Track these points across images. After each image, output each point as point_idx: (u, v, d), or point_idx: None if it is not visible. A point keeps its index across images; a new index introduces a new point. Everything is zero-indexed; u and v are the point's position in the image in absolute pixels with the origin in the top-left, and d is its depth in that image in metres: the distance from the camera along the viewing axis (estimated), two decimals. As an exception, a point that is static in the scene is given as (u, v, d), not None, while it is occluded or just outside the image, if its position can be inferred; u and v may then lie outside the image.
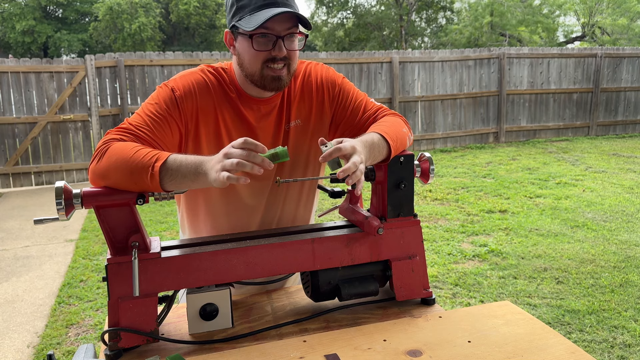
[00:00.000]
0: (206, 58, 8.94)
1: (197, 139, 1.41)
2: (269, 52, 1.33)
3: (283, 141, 1.49)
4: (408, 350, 1.17)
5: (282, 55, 1.33)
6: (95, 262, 4.65)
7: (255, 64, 1.35)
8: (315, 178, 1.46)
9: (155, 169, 1.17)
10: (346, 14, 26.41)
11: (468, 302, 3.63)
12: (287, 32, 1.33)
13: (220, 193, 1.49)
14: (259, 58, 1.34)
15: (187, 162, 1.19)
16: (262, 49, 1.33)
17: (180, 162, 1.19)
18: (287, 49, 1.34)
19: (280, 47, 1.33)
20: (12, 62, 8.18)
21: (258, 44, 1.33)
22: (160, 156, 1.20)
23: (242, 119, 1.44)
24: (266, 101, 1.45)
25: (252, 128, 1.45)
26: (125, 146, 1.24)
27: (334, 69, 1.58)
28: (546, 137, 11.39)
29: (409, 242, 1.40)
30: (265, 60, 1.34)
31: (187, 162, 1.19)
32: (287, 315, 1.39)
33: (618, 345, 3.01)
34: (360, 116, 1.50)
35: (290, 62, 1.37)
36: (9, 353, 3.21)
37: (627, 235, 4.96)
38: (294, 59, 1.38)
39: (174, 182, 1.20)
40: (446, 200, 6.56)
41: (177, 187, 1.21)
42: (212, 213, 1.52)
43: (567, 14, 22.58)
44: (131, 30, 25.39)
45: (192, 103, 1.39)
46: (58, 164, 8.25)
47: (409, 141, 1.46)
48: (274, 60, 1.34)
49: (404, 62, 10.06)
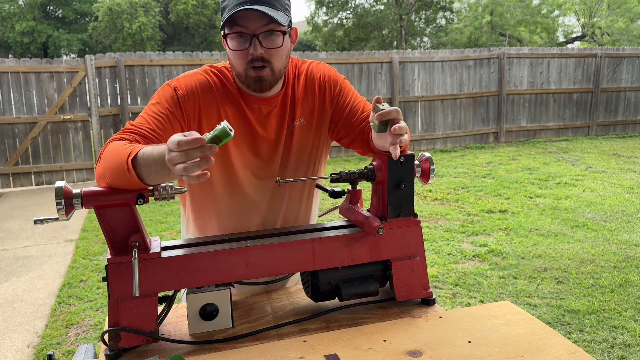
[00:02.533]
0: (206, 58, 8.94)
1: None
2: (246, 51, 1.33)
3: (287, 140, 1.50)
4: (408, 350, 1.17)
5: (257, 53, 1.32)
6: (95, 262, 4.65)
7: (239, 65, 1.36)
8: (316, 178, 1.47)
9: (129, 164, 1.13)
10: (346, 14, 26.41)
11: (468, 302, 3.63)
12: (263, 30, 1.31)
13: (228, 192, 1.50)
14: (240, 58, 1.35)
15: (154, 155, 1.12)
16: (239, 48, 1.34)
17: (149, 155, 1.12)
18: (265, 47, 1.33)
19: (255, 46, 1.32)
20: (12, 62, 8.18)
21: (234, 43, 1.34)
22: (133, 150, 1.15)
23: (245, 118, 1.45)
24: (267, 100, 1.45)
25: (253, 127, 1.46)
26: (116, 145, 1.22)
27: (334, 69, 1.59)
28: (546, 137, 11.39)
29: (409, 242, 1.40)
30: (247, 60, 1.34)
31: (154, 154, 1.12)
32: (287, 315, 1.39)
33: (618, 345, 3.01)
34: (358, 117, 1.50)
35: (272, 63, 1.35)
36: (9, 353, 3.21)
37: (627, 235, 4.96)
38: (276, 59, 1.36)
39: (151, 177, 1.13)
40: (446, 200, 6.56)
41: (157, 180, 1.15)
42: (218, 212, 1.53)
43: (566, 14, 22.58)
44: (131, 30, 25.39)
45: (194, 102, 1.39)
46: (58, 164, 8.25)
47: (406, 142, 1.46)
48: (253, 60, 1.33)
49: (404, 62, 10.06)
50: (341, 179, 1.39)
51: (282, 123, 1.49)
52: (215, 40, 28.31)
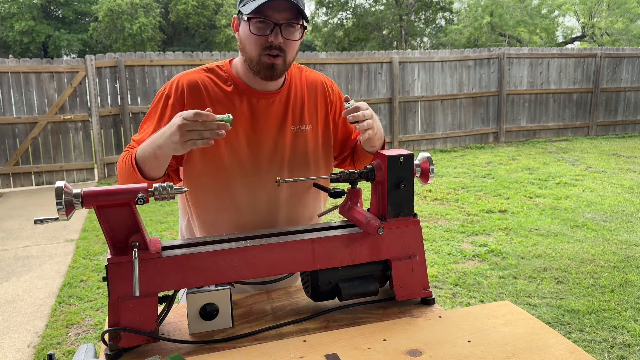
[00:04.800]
0: (206, 58, 8.94)
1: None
2: (266, 37, 1.38)
3: (292, 142, 1.53)
4: (408, 350, 1.17)
5: (278, 42, 1.38)
6: (95, 262, 4.65)
7: (254, 49, 1.40)
8: (316, 178, 1.47)
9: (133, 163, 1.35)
10: (346, 14, 26.42)
11: (468, 302, 3.63)
12: (286, 22, 1.37)
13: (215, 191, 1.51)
14: (258, 43, 1.39)
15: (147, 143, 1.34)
16: (260, 33, 1.38)
17: (144, 147, 1.34)
18: (285, 38, 1.39)
19: (276, 34, 1.37)
20: (13, 62, 8.18)
21: (256, 28, 1.38)
22: (133, 152, 1.38)
23: (241, 112, 1.48)
24: (267, 95, 1.49)
25: (250, 120, 1.49)
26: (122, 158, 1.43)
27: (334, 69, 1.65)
28: (546, 137, 11.39)
29: (409, 242, 1.40)
30: (263, 47, 1.39)
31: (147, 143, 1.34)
32: (287, 315, 1.39)
33: (618, 345, 3.01)
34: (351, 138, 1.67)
35: (286, 53, 1.41)
36: (9, 353, 3.21)
37: (627, 235, 4.96)
38: (290, 50, 1.42)
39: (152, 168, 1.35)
40: (446, 200, 6.56)
41: (155, 171, 1.35)
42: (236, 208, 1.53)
43: (566, 14, 22.59)
44: (131, 31, 25.38)
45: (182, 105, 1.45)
46: (58, 164, 8.25)
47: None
48: (270, 48, 1.38)
49: (403, 62, 10.06)
50: (341, 179, 1.39)
51: (283, 122, 1.51)
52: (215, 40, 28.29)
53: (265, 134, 1.50)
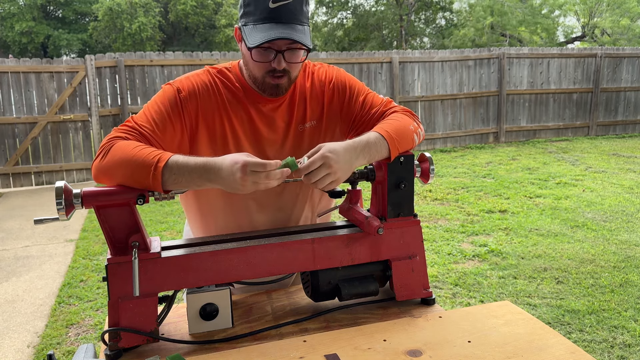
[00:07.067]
0: (206, 58, 8.94)
1: (200, 140, 1.43)
2: (269, 63, 1.37)
3: (297, 141, 1.51)
4: (408, 350, 1.17)
5: (281, 68, 1.37)
6: (95, 262, 4.65)
7: (258, 72, 1.40)
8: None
9: (158, 169, 1.19)
10: (346, 14, 26.42)
11: (468, 302, 3.63)
12: (288, 48, 1.36)
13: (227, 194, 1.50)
14: (261, 68, 1.39)
15: (190, 165, 1.21)
16: (263, 60, 1.37)
17: (183, 164, 1.21)
18: (288, 61, 1.37)
19: (279, 61, 1.36)
20: (12, 62, 8.18)
21: (258, 56, 1.37)
22: (163, 157, 1.22)
23: (249, 117, 1.46)
24: (273, 100, 1.47)
25: (257, 127, 1.47)
26: (129, 145, 1.26)
27: (335, 69, 1.61)
28: (546, 137, 11.39)
29: (409, 242, 1.40)
30: (267, 70, 1.38)
31: (190, 165, 1.21)
32: (287, 315, 1.39)
33: (618, 345, 3.01)
34: (368, 112, 1.54)
35: (291, 73, 1.40)
36: (9, 353, 3.21)
37: (627, 235, 4.96)
38: (294, 69, 1.42)
39: (176, 184, 1.22)
40: (446, 200, 6.56)
41: (178, 187, 1.23)
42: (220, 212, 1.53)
43: (567, 14, 22.58)
44: (131, 30, 25.37)
45: (195, 104, 1.41)
46: (58, 164, 8.25)
47: (419, 137, 1.46)
48: (274, 71, 1.38)
49: (404, 62, 10.06)
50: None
51: (289, 122, 1.50)
52: (215, 40, 28.28)
53: (272, 136, 1.49)
